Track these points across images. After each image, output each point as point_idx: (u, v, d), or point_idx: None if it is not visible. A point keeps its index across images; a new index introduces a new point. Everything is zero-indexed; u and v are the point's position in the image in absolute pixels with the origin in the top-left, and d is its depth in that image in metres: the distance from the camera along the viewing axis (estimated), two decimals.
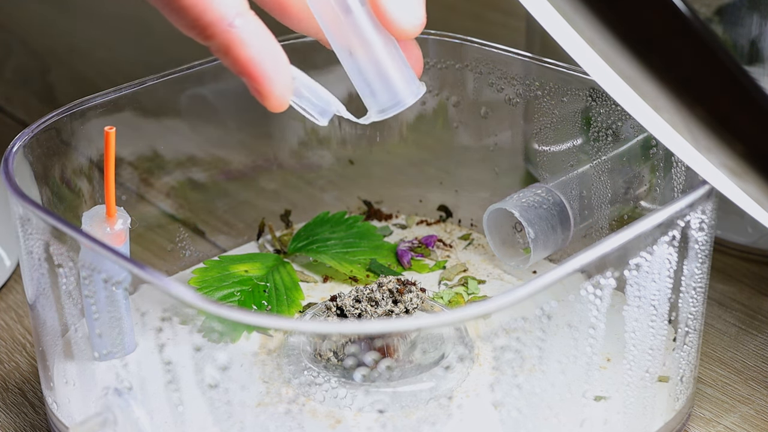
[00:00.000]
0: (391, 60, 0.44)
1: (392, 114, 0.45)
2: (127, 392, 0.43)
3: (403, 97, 0.45)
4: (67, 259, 0.43)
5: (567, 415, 0.43)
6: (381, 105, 0.45)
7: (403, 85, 0.45)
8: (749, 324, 0.56)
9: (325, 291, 0.56)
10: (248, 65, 0.41)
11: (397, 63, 0.45)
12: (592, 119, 0.54)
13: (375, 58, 0.44)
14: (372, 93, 0.45)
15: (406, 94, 0.45)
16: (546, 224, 0.55)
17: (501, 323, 0.39)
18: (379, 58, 0.44)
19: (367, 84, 0.45)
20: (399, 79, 0.45)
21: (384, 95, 0.45)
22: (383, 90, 0.45)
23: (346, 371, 0.44)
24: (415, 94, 0.45)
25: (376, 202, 0.64)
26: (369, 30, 0.44)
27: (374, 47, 0.44)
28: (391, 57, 0.44)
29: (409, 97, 0.45)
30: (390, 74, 0.44)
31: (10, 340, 0.56)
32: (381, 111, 0.45)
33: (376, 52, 0.44)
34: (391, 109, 0.45)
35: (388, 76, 0.44)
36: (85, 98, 0.52)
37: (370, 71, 0.44)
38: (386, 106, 0.45)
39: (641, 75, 0.36)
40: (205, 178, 0.61)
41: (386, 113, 0.45)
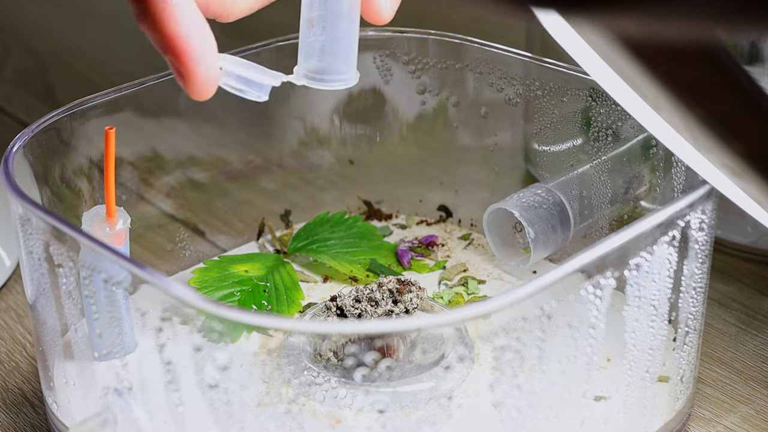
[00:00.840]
0: (349, 39, 0.44)
1: (314, 87, 0.45)
2: (127, 392, 0.43)
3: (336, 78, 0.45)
4: (67, 259, 0.43)
5: (567, 415, 0.43)
6: (310, 72, 0.45)
7: (344, 67, 0.45)
8: (749, 324, 0.56)
9: (325, 291, 0.56)
10: (175, 41, 0.41)
11: (350, 44, 0.45)
12: (592, 119, 0.54)
13: (337, 32, 0.44)
14: (309, 58, 0.45)
15: (340, 77, 0.45)
16: (546, 224, 0.55)
17: (501, 323, 0.39)
18: (340, 31, 0.44)
19: (313, 47, 0.44)
20: (343, 60, 0.45)
21: (320, 65, 0.45)
22: (322, 61, 0.45)
23: (346, 371, 0.44)
24: (346, 81, 0.45)
25: (376, 202, 0.64)
26: (346, 7, 0.44)
27: (343, 21, 0.44)
28: (349, 37, 0.44)
29: (340, 82, 0.45)
30: (342, 55, 0.44)
31: (10, 340, 0.56)
32: (307, 76, 0.45)
33: (341, 24, 0.44)
34: (316, 82, 0.45)
35: (340, 55, 0.44)
36: (85, 98, 0.52)
37: (325, 41, 0.44)
38: (314, 77, 0.45)
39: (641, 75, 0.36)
40: (205, 178, 0.61)
41: (310, 82, 0.45)
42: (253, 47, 0.57)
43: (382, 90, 0.60)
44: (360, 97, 0.60)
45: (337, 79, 0.45)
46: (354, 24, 0.44)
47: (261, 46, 0.57)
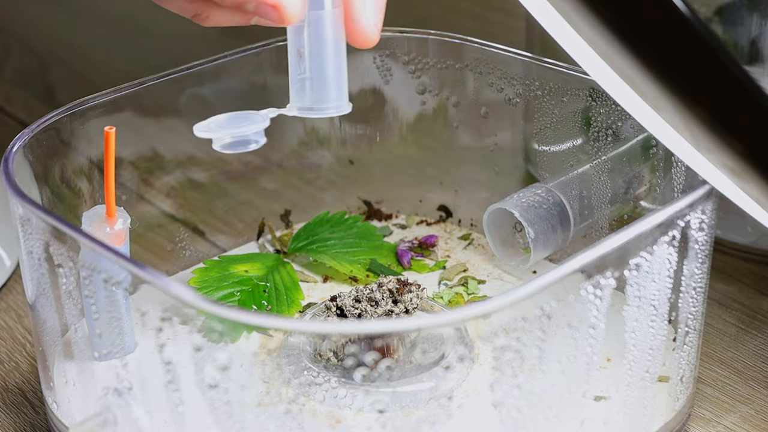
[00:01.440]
0: (336, 68, 0.45)
1: (310, 116, 0.46)
2: (127, 392, 0.43)
3: (328, 106, 0.46)
4: (67, 259, 0.43)
5: (567, 415, 0.43)
6: (304, 104, 0.46)
7: (335, 96, 0.46)
8: (749, 324, 0.56)
9: (325, 291, 0.56)
10: None
11: (339, 73, 0.45)
12: (592, 119, 0.54)
13: (324, 60, 0.45)
14: (302, 89, 0.45)
15: (332, 105, 0.46)
16: (546, 224, 0.55)
17: (501, 323, 0.39)
18: (327, 61, 0.45)
19: (302, 79, 0.45)
20: (333, 90, 0.45)
21: (312, 97, 0.45)
22: (316, 91, 0.45)
23: (346, 371, 0.44)
24: (338, 109, 0.46)
25: (376, 202, 0.64)
26: (331, 31, 0.44)
27: (329, 52, 0.44)
28: (336, 66, 0.45)
29: (332, 110, 0.46)
30: (329, 80, 0.45)
31: (10, 340, 0.56)
32: (300, 109, 0.46)
33: (328, 55, 0.45)
34: (311, 112, 0.46)
35: (327, 81, 0.45)
36: (85, 98, 0.52)
37: (314, 69, 0.45)
38: (308, 107, 0.46)
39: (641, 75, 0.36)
40: (205, 178, 0.61)
41: (305, 113, 0.46)
42: (253, 47, 0.57)
43: (382, 90, 0.60)
44: (360, 97, 0.60)
45: (328, 107, 0.46)
46: (340, 54, 0.45)
47: (261, 46, 0.57)
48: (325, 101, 0.46)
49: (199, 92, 0.57)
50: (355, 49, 0.47)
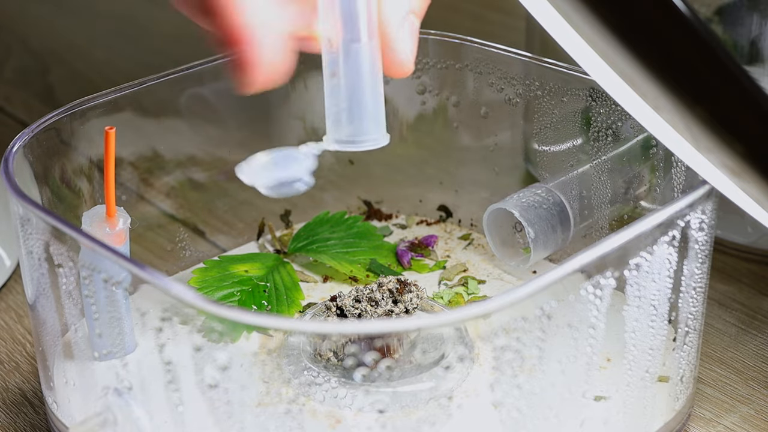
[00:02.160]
0: (374, 101, 0.44)
1: (346, 150, 0.44)
2: (127, 392, 0.43)
3: (366, 139, 0.44)
4: (67, 259, 0.43)
5: (567, 415, 0.43)
6: (341, 137, 0.44)
7: (373, 128, 0.44)
8: (749, 324, 0.56)
9: (325, 291, 0.56)
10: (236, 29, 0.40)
11: (377, 105, 0.44)
12: (592, 119, 0.54)
13: (361, 95, 0.44)
14: (338, 122, 0.44)
15: (370, 138, 0.45)
16: (546, 224, 0.55)
17: (501, 323, 0.39)
18: (365, 94, 0.44)
19: (338, 112, 0.44)
20: (371, 122, 0.44)
21: (348, 130, 0.44)
22: (350, 125, 0.44)
23: (346, 371, 0.44)
24: (376, 141, 0.45)
25: (376, 202, 0.64)
26: (368, 63, 0.43)
27: (366, 85, 0.43)
28: (375, 98, 0.44)
29: (370, 142, 0.45)
30: (366, 114, 0.44)
31: (10, 340, 0.56)
32: (338, 142, 0.45)
33: (366, 90, 0.44)
34: (349, 145, 0.44)
35: (365, 113, 0.44)
36: (85, 98, 0.52)
37: (350, 103, 0.44)
38: (345, 140, 0.44)
39: (641, 75, 0.36)
40: (205, 178, 0.61)
41: (342, 146, 0.45)
42: None
43: None
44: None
45: (366, 140, 0.44)
46: (377, 85, 0.44)
47: None
48: (362, 134, 0.44)
49: (199, 92, 0.57)
50: None
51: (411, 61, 0.44)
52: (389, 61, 0.44)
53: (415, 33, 0.44)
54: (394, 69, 0.44)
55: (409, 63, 0.44)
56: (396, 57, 0.44)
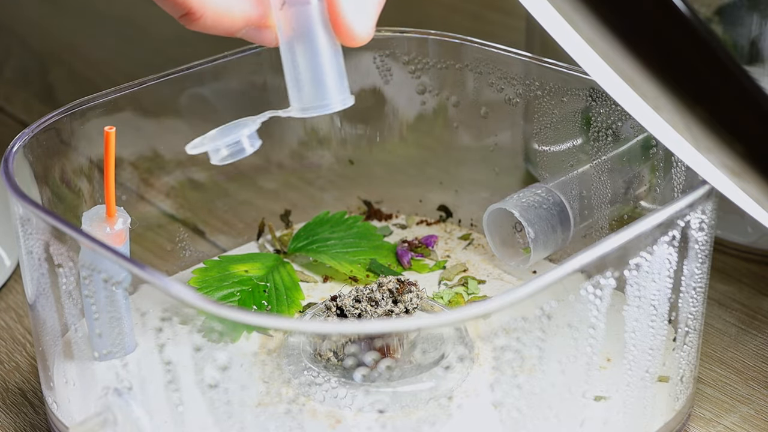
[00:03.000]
0: (330, 62, 0.44)
1: (313, 114, 0.44)
2: (127, 392, 0.43)
3: (330, 101, 0.44)
4: (67, 259, 0.43)
5: (567, 415, 0.43)
6: (305, 103, 0.44)
7: (334, 90, 0.44)
8: (749, 324, 0.56)
9: (325, 291, 0.56)
10: None
11: (334, 67, 0.44)
12: (592, 119, 0.54)
13: (315, 56, 0.43)
14: (300, 89, 0.44)
15: (335, 100, 0.44)
16: (546, 224, 0.55)
17: (501, 323, 0.39)
18: (320, 56, 0.43)
19: (298, 78, 0.44)
20: (332, 84, 0.44)
21: (311, 94, 0.44)
22: (312, 89, 0.44)
23: (346, 371, 0.44)
24: (342, 102, 0.45)
25: (376, 202, 0.64)
26: (318, 26, 0.43)
27: (318, 44, 0.43)
28: (330, 60, 0.44)
29: (337, 104, 0.44)
30: (325, 76, 0.44)
31: (10, 340, 0.56)
32: (303, 109, 0.44)
33: (319, 49, 0.43)
34: (314, 109, 0.44)
35: (323, 77, 0.44)
36: (85, 98, 0.52)
37: (306, 67, 0.44)
38: (310, 105, 0.44)
39: (641, 75, 0.36)
40: (205, 178, 0.61)
41: (308, 112, 0.44)
42: (253, 47, 0.56)
43: (382, 90, 0.60)
44: (360, 97, 0.60)
45: (329, 103, 0.44)
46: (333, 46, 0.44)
47: (261, 46, 0.57)
48: (325, 97, 0.44)
49: (199, 92, 0.57)
50: (355, 48, 0.46)
51: (359, 27, 0.43)
52: (336, 24, 0.43)
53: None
54: (342, 34, 0.43)
55: (356, 29, 0.43)
56: (342, 21, 0.43)
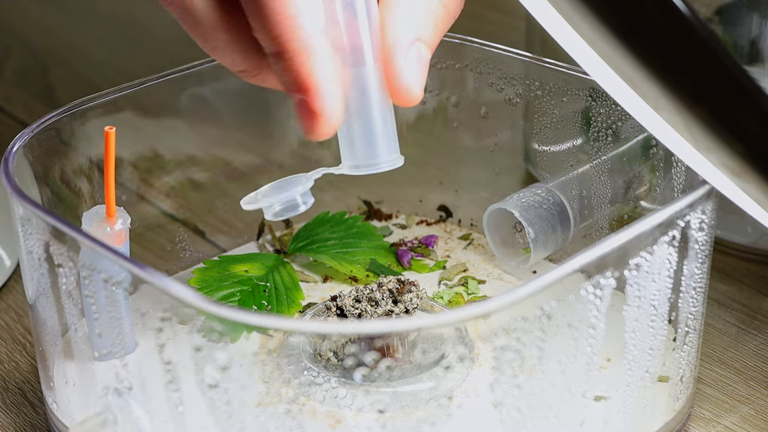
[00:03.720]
0: (383, 123, 0.44)
1: (363, 173, 0.45)
2: (127, 392, 0.43)
3: (380, 161, 0.45)
4: (67, 259, 0.43)
5: (567, 415, 0.43)
6: (357, 160, 0.45)
7: (385, 150, 0.45)
8: (749, 324, 0.56)
9: (325, 291, 0.56)
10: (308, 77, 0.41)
11: (387, 127, 0.44)
12: (592, 119, 0.54)
13: (369, 116, 0.44)
14: (352, 146, 0.45)
15: (385, 160, 0.45)
16: (546, 224, 0.55)
17: (501, 323, 0.39)
18: (374, 117, 0.44)
19: (351, 136, 0.44)
20: (383, 144, 0.44)
21: (363, 153, 0.44)
22: (364, 148, 0.44)
23: (346, 371, 0.44)
24: (391, 163, 0.45)
25: (376, 202, 0.64)
26: (375, 87, 0.43)
27: (373, 105, 0.44)
28: (383, 120, 0.44)
29: (386, 164, 0.45)
30: (377, 136, 0.44)
31: (10, 340, 0.56)
32: (354, 166, 0.45)
33: (373, 110, 0.44)
34: (365, 168, 0.45)
35: (375, 137, 0.44)
36: (85, 98, 0.52)
37: (360, 126, 0.44)
38: (361, 163, 0.45)
39: (641, 75, 0.36)
40: (205, 178, 0.61)
41: (359, 170, 0.45)
42: None
43: None
44: None
45: (379, 162, 0.45)
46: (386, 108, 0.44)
47: None
48: (376, 156, 0.45)
49: (199, 92, 0.57)
50: None
51: (416, 89, 0.43)
52: (393, 87, 0.43)
53: (422, 61, 0.43)
54: (398, 96, 0.43)
55: (413, 91, 0.43)
56: (399, 83, 0.43)
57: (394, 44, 0.43)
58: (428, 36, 0.44)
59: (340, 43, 0.43)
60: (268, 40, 0.41)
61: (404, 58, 0.43)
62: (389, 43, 0.43)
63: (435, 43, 0.44)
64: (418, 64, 0.43)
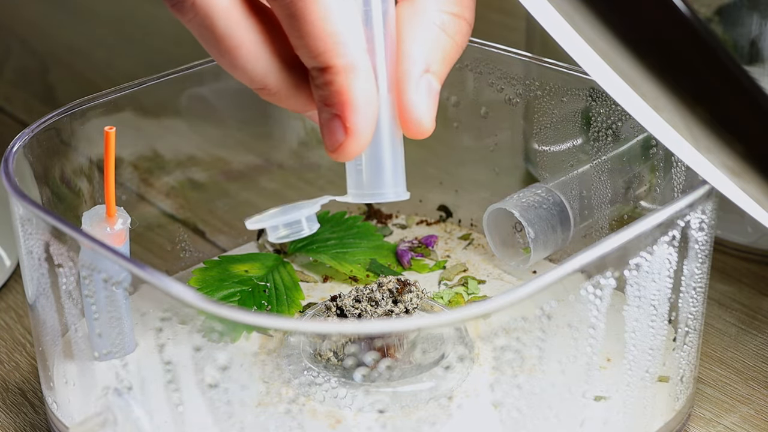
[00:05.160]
0: (391, 153, 0.44)
1: (367, 201, 0.45)
2: (127, 392, 0.43)
3: (385, 191, 0.44)
4: (67, 259, 0.43)
5: (567, 415, 0.43)
6: (362, 189, 0.44)
7: (391, 181, 0.44)
8: (749, 324, 0.56)
9: (325, 291, 0.56)
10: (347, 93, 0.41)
11: (395, 158, 0.44)
12: (592, 119, 0.54)
13: (378, 146, 0.43)
14: (358, 174, 0.44)
15: (390, 191, 0.44)
16: (546, 224, 0.55)
17: (501, 323, 0.39)
18: (383, 147, 0.43)
19: (358, 165, 0.44)
20: (390, 174, 0.44)
21: (369, 181, 0.44)
22: (371, 177, 0.44)
23: (346, 371, 0.44)
24: (396, 194, 0.44)
25: (376, 203, 0.64)
26: (387, 116, 0.43)
27: (383, 135, 0.43)
28: (392, 151, 0.44)
29: (391, 194, 0.44)
30: (384, 166, 0.44)
31: (10, 340, 0.56)
32: (359, 195, 0.44)
33: (383, 140, 0.43)
34: (370, 197, 0.44)
35: (383, 167, 0.44)
36: (85, 98, 0.52)
37: (369, 155, 0.43)
38: (366, 192, 0.44)
39: (641, 75, 0.36)
40: (205, 178, 0.61)
41: (363, 198, 0.44)
42: None
43: None
44: None
45: (386, 192, 0.44)
46: (396, 139, 0.43)
47: None
48: (381, 186, 0.44)
49: (199, 92, 0.57)
50: None
51: (427, 120, 0.43)
52: (403, 119, 0.43)
53: (432, 93, 0.43)
54: (409, 128, 0.43)
55: (424, 122, 0.43)
56: (410, 115, 0.43)
57: (403, 76, 0.42)
58: (437, 68, 0.43)
59: None
60: (311, 57, 0.40)
61: (415, 89, 0.42)
62: (399, 74, 0.43)
63: (444, 75, 0.44)
64: (428, 96, 0.43)
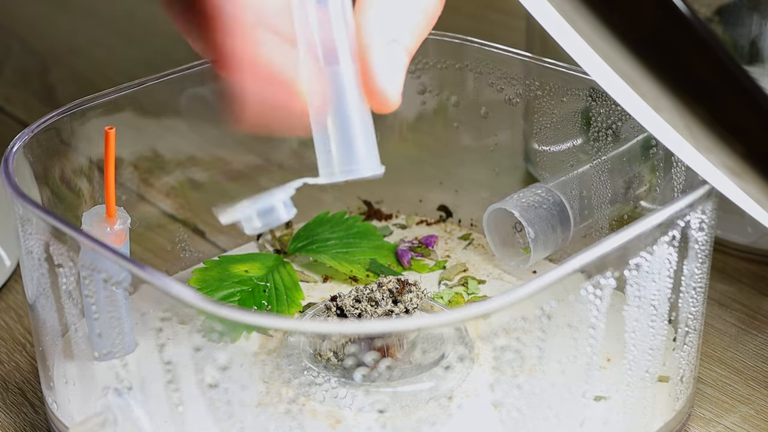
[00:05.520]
0: (360, 127, 0.42)
1: (341, 179, 0.42)
2: (127, 392, 0.43)
3: (359, 166, 0.42)
4: (67, 259, 0.43)
5: (567, 415, 0.43)
6: (333, 167, 0.42)
7: (364, 155, 0.42)
8: (749, 324, 0.56)
9: (325, 291, 0.56)
10: None
11: (365, 132, 0.42)
12: (592, 119, 0.54)
13: (345, 119, 0.41)
14: (328, 153, 0.42)
15: (364, 165, 0.42)
16: (546, 224, 0.55)
17: (501, 323, 0.39)
18: (350, 120, 0.41)
19: (326, 143, 0.42)
20: (361, 149, 0.42)
21: (340, 159, 0.42)
22: (341, 154, 0.42)
23: (346, 371, 0.44)
24: (372, 169, 0.42)
25: (376, 202, 0.64)
26: (351, 87, 0.41)
27: (349, 108, 0.41)
28: (361, 124, 0.41)
29: (366, 170, 0.42)
30: (354, 140, 0.42)
31: (10, 340, 0.56)
32: (331, 174, 0.42)
33: (349, 113, 0.41)
34: (342, 174, 0.42)
35: (352, 141, 0.42)
36: (85, 98, 0.52)
37: (335, 130, 0.42)
38: (338, 169, 0.42)
39: (641, 75, 0.36)
40: (205, 178, 0.61)
41: (335, 177, 0.42)
42: None
43: None
44: None
45: (359, 168, 0.42)
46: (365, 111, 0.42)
47: None
48: (353, 162, 0.42)
49: (199, 92, 0.57)
50: None
51: (392, 91, 0.41)
52: (368, 89, 0.41)
53: (398, 64, 0.41)
54: (373, 99, 0.41)
55: (389, 93, 0.41)
56: (374, 85, 0.40)
57: (368, 45, 0.41)
58: (405, 39, 0.41)
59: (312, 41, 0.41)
60: None
61: (380, 58, 0.40)
62: (364, 43, 0.41)
63: (413, 47, 0.42)
64: (393, 66, 0.41)
